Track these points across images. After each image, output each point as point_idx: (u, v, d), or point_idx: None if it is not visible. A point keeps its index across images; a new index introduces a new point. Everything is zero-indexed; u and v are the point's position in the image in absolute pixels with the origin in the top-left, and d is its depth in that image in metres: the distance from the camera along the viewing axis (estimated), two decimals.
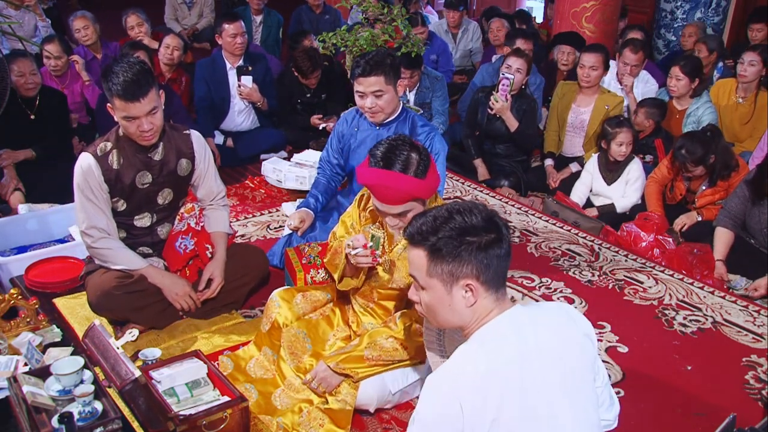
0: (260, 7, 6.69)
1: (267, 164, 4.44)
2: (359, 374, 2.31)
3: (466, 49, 6.72)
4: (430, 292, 1.55)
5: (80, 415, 2.04)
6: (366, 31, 4.15)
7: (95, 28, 5.14)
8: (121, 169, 2.62)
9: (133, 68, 2.43)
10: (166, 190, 2.76)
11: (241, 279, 2.92)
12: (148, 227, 2.78)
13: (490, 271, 1.51)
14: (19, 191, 3.91)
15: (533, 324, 1.54)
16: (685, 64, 4.40)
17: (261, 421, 2.31)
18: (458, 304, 1.53)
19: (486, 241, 1.50)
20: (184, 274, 2.87)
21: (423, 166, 2.17)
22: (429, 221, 1.54)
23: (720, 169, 3.73)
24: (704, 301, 3.23)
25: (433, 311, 1.58)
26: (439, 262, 1.51)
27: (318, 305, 2.60)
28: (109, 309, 2.72)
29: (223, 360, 2.60)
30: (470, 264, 1.49)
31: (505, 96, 4.35)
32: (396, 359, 2.32)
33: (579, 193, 4.21)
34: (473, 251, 1.49)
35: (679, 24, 6.58)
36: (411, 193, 2.15)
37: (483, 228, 1.51)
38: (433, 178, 2.21)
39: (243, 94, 4.70)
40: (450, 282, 1.51)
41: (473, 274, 1.50)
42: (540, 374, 1.49)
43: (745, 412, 2.40)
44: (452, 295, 1.52)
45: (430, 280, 1.53)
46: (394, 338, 2.31)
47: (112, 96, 2.45)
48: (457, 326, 1.59)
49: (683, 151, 3.70)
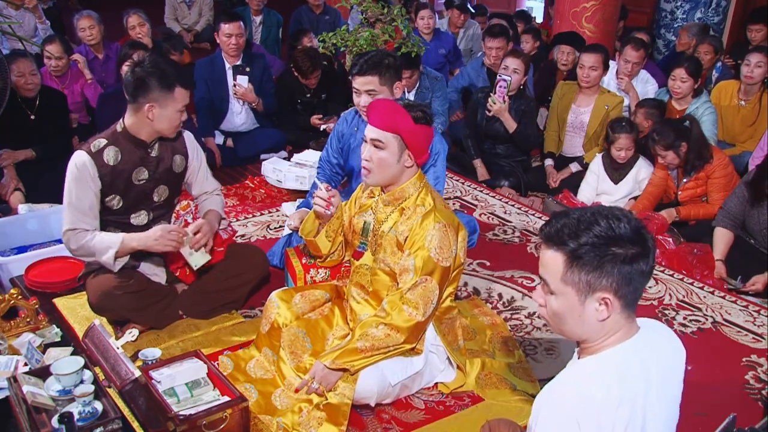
0: (260, 7, 6.70)
1: (267, 164, 4.44)
2: (356, 366, 2.29)
3: (467, 48, 6.74)
4: (560, 299, 1.45)
5: (80, 415, 2.04)
6: (366, 31, 4.15)
7: (100, 28, 5.18)
8: (118, 165, 2.63)
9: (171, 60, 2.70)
10: (162, 187, 2.78)
11: (241, 278, 2.92)
12: (145, 225, 2.77)
13: (630, 287, 1.40)
14: (19, 191, 3.91)
15: (655, 355, 1.47)
16: (689, 65, 4.40)
17: (261, 421, 2.31)
18: (589, 317, 1.43)
19: (632, 254, 1.38)
20: (183, 272, 2.87)
21: (424, 119, 2.30)
22: (572, 223, 1.41)
23: (693, 158, 3.73)
24: (704, 301, 3.23)
25: (560, 319, 1.48)
26: (577, 270, 1.40)
27: (317, 304, 2.61)
28: (110, 309, 2.71)
29: (223, 360, 2.60)
30: (611, 277, 1.38)
31: (502, 97, 4.35)
32: (391, 345, 2.29)
33: (586, 194, 4.21)
34: (617, 264, 1.37)
35: (679, 24, 6.59)
36: (396, 121, 2.25)
37: (630, 239, 1.39)
38: (424, 132, 2.31)
39: (238, 94, 4.71)
40: (585, 292, 1.41)
41: (612, 288, 1.39)
42: (657, 410, 1.44)
43: (745, 412, 2.40)
44: (584, 306, 1.42)
45: (564, 287, 1.43)
46: (384, 324, 2.29)
47: (175, 87, 2.56)
48: (580, 338, 1.50)
49: (654, 134, 3.75)
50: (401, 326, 2.27)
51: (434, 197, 2.37)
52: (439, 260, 2.27)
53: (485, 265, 3.49)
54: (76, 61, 4.83)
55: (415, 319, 2.27)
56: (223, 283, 2.89)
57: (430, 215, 2.30)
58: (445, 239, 2.28)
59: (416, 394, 2.50)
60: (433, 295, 2.28)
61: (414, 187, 2.37)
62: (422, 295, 2.27)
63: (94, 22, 5.14)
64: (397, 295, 2.30)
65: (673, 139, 3.69)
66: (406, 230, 2.33)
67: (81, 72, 4.84)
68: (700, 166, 3.76)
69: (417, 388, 2.50)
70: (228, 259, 2.88)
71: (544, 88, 5.36)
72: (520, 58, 4.40)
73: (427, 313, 2.30)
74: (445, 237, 2.28)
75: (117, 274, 2.67)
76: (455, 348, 2.51)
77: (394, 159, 2.30)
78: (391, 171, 2.33)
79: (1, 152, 3.98)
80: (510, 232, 3.88)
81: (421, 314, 2.27)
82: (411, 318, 2.27)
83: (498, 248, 3.69)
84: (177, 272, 2.88)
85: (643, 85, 4.94)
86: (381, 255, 2.42)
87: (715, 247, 3.50)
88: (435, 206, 2.32)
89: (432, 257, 2.26)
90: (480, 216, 4.06)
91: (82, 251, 2.64)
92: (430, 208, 2.32)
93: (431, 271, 2.27)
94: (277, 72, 5.43)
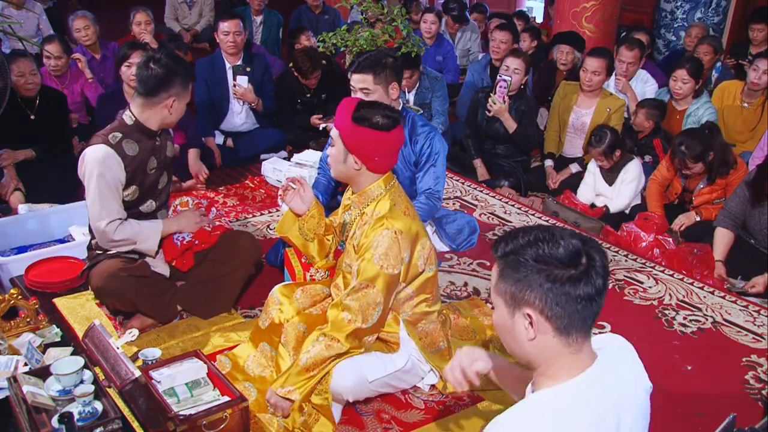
0: (260, 7, 6.70)
1: (267, 164, 4.44)
2: (302, 392, 2.23)
3: (465, 48, 6.75)
4: (496, 311, 1.45)
5: (80, 415, 2.04)
6: (366, 31, 4.15)
7: (95, 28, 5.15)
8: (137, 155, 2.69)
9: None
10: (164, 174, 2.87)
11: (234, 263, 2.93)
12: (152, 212, 2.84)
13: (560, 308, 1.34)
14: (19, 191, 3.91)
15: (613, 391, 1.39)
16: (690, 66, 4.39)
17: (261, 420, 2.31)
18: (519, 334, 1.40)
19: (562, 275, 1.34)
20: (180, 261, 2.89)
21: (371, 123, 2.22)
22: (515, 237, 1.41)
23: (718, 166, 3.72)
24: (704, 301, 3.23)
25: (500, 334, 1.48)
26: (503, 280, 1.39)
27: (318, 299, 2.59)
28: (113, 292, 2.70)
29: (221, 359, 2.60)
30: (534, 292, 1.35)
31: (502, 98, 4.35)
32: (334, 354, 2.24)
33: (585, 195, 4.22)
34: (542, 280, 1.34)
35: (679, 24, 6.59)
36: (338, 119, 2.28)
37: (562, 259, 1.35)
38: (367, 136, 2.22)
39: (237, 94, 4.71)
40: (512, 305, 1.39)
41: (536, 306, 1.35)
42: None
43: (745, 412, 2.40)
44: (514, 321, 1.40)
45: (496, 297, 1.43)
46: (323, 335, 2.24)
47: (191, 82, 2.73)
48: (522, 359, 1.46)
49: (683, 147, 3.70)
50: (340, 335, 2.22)
51: (395, 203, 2.29)
52: (383, 266, 2.20)
53: (485, 265, 3.49)
54: (77, 60, 4.83)
55: (353, 326, 2.21)
56: (217, 270, 2.91)
57: (381, 221, 2.24)
58: (393, 246, 2.20)
59: (416, 394, 2.50)
60: (374, 302, 2.21)
61: (377, 191, 2.31)
62: (362, 301, 2.21)
63: (89, 22, 5.12)
64: (338, 301, 2.27)
65: (701, 149, 3.66)
66: (360, 235, 2.31)
67: (81, 72, 4.84)
68: (725, 173, 3.74)
69: (407, 386, 2.48)
70: (220, 246, 2.92)
71: (544, 88, 5.36)
72: (520, 58, 4.39)
73: (370, 320, 2.23)
74: (393, 244, 2.20)
75: (121, 258, 2.72)
76: (434, 351, 2.46)
77: (340, 158, 2.28)
78: (343, 170, 2.31)
79: (1, 152, 3.97)
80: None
81: (360, 320, 2.21)
82: (349, 324, 2.21)
83: None
84: (173, 262, 2.89)
85: (642, 85, 4.95)
86: (345, 258, 2.42)
87: (715, 247, 3.49)
88: (390, 212, 2.25)
89: (375, 263, 2.20)
90: (480, 216, 4.06)
91: (126, 239, 2.70)
92: (384, 214, 2.25)
93: (373, 277, 2.21)
94: (278, 72, 5.43)
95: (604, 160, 4.09)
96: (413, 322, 2.42)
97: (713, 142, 3.69)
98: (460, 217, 3.72)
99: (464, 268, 3.46)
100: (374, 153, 2.25)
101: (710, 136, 3.70)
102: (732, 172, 3.73)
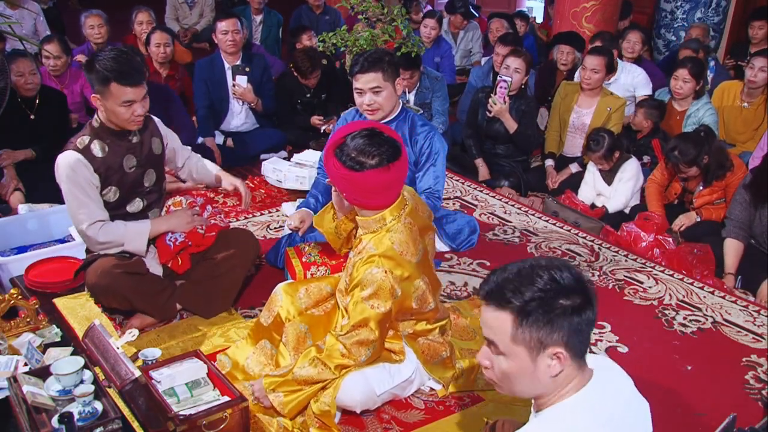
0: (260, 6, 6.70)
1: (267, 164, 4.44)
2: (286, 406, 2.24)
3: (466, 48, 6.75)
4: (510, 360, 1.37)
5: (80, 415, 2.04)
6: (366, 31, 4.15)
7: (107, 28, 5.23)
8: (107, 156, 2.67)
9: (127, 55, 2.59)
10: (150, 171, 2.83)
11: (232, 260, 2.92)
12: (141, 212, 2.82)
13: (580, 337, 1.34)
14: (19, 191, 3.91)
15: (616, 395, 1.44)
16: (692, 66, 4.39)
17: (261, 420, 2.31)
18: (542, 374, 1.35)
19: (579, 304, 1.32)
20: (176, 263, 2.87)
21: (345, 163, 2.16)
22: (513, 278, 1.34)
23: (714, 169, 3.71)
24: (704, 301, 3.23)
25: (510, 380, 1.40)
26: (527, 328, 1.32)
27: (320, 300, 2.59)
28: (108, 290, 2.69)
29: (220, 359, 2.60)
30: (562, 330, 1.32)
31: (503, 98, 4.35)
32: (323, 379, 2.25)
33: (585, 194, 4.22)
34: (567, 316, 1.31)
35: (679, 24, 6.59)
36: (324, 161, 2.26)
37: (574, 289, 1.33)
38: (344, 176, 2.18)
39: (237, 94, 4.70)
40: (537, 349, 1.33)
41: (563, 342, 1.32)
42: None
43: (745, 412, 2.41)
44: (536, 364, 1.35)
45: (514, 347, 1.34)
46: (319, 361, 2.24)
47: (110, 82, 2.54)
48: (532, 396, 1.43)
49: (675, 152, 3.70)
50: (334, 366, 2.24)
51: (395, 242, 2.19)
52: (373, 306, 2.18)
53: (485, 265, 3.49)
54: (78, 61, 4.83)
55: (345, 361, 2.23)
56: (215, 269, 2.90)
57: (372, 258, 2.19)
58: (384, 284, 2.16)
59: (416, 394, 2.50)
60: (368, 340, 2.22)
61: (375, 225, 2.25)
62: (355, 339, 2.22)
63: (102, 21, 5.20)
64: (335, 336, 2.27)
65: (694, 154, 3.65)
66: (351, 266, 2.31)
67: (80, 72, 4.83)
68: (722, 176, 3.73)
69: (409, 393, 2.48)
70: (218, 243, 2.91)
71: (544, 88, 5.36)
72: (521, 58, 4.39)
73: (365, 355, 2.24)
74: (384, 281, 2.16)
75: (116, 256, 2.71)
76: (436, 361, 2.45)
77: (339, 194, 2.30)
78: (345, 211, 2.39)
79: (1, 152, 3.97)
80: (510, 232, 3.88)
81: (354, 359, 2.23)
82: (342, 358, 2.23)
83: (498, 248, 3.69)
84: (169, 263, 2.88)
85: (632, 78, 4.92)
86: (343, 272, 2.43)
87: (726, 259, 3.43)
88: (383, 252, 2.18)
89: (365, 305, 2.19)
90: (480, 216, 4.06)
91: (111, 241, 2.69)
92: (377, 252, 2.18)
93: (365, 320, 2.20)
94: (277, 72, 5.43)
95: (604, 163, 4.10)
96: (414, 337, 2.42)
97: (707, 146, 3.67)
98: (460, 217, 3.73)
99: (464, 268, 3.46)
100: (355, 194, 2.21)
101: (704, 140, 3.69)
102: (729, 175, 3.72)
